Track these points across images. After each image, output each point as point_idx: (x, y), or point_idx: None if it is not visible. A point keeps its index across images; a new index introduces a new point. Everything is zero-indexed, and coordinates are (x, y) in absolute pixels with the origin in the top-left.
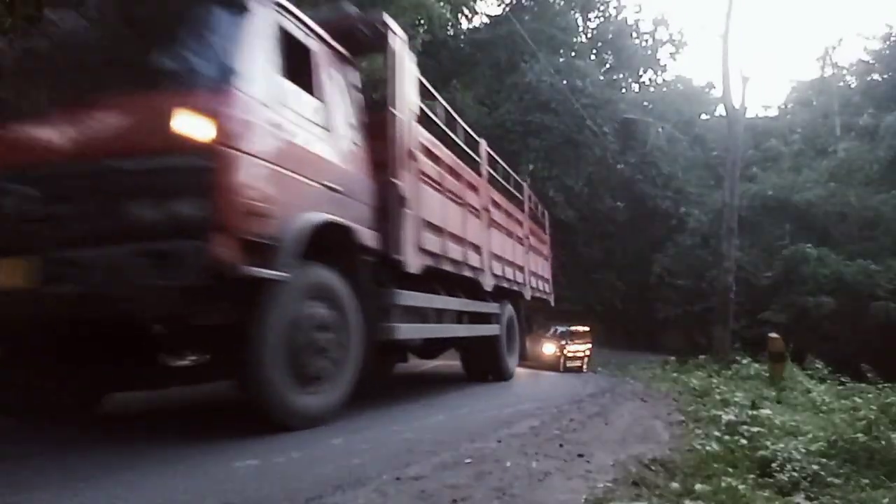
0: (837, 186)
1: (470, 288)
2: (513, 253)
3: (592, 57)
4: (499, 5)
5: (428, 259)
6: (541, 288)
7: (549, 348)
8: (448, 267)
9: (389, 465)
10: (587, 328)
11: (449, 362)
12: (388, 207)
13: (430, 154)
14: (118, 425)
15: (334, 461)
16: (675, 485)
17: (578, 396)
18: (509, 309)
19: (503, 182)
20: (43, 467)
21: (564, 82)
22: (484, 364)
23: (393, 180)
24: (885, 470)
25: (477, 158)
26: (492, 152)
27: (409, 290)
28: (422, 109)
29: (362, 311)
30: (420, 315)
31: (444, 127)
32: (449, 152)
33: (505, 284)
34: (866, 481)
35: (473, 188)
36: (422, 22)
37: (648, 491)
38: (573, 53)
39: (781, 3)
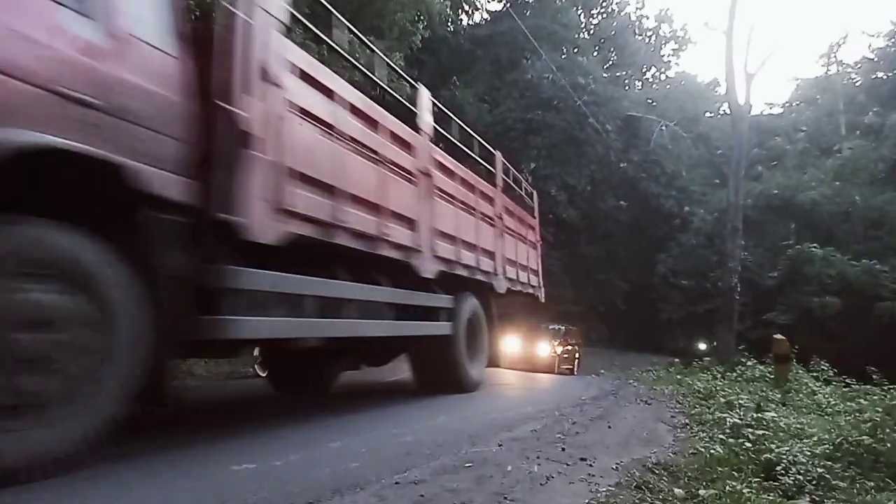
0: (842, 185)
1: (405, 274)
2: (475, 234)
3: (595, 54)
4: (499, 1)
5: (299, 226)
6: (523, 280)
7: (541, 349)
8: (347, 241)
9: (388, 468)
10: (576, 328)
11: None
12: (218, 146)
13: (311, 82)
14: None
15: (332, 464)
16: (678, 489)
17: (581, 399)
18: (472, 303)
19: (460, 145)
20: (43, 468)
21: (566, 79)
22: (436, 371)
23: (226, 107)
24: (890, 472)
25: (413, 109)
26: (441, 105)
27: (271, 270)
28: (301, 23)
29: (155, 297)
30: (298, 306)
31: (342, 51)
32: (353, 89)
33: (462, 272)
34: (871, 484)
35: (404, 144)
36: (422, 18)
37: (652, 495)
38: (575, 50)
39: (786, 0)
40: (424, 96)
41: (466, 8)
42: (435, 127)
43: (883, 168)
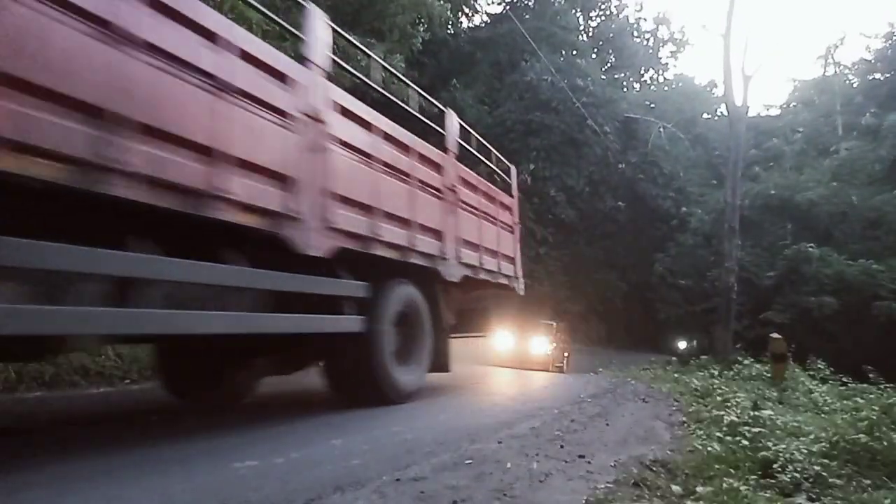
0: (840, 186)
1: (296, 254)
2: (408, 206)
3: (593, 56)
4: (499, 3)
5: (16, 160)
6: (491, 268)
7: (534, 346)
8: (142, 196)
9: (389, 465)
10: (565, 324)
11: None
12: None
13: None
14: (119, 424)
15: (333, 462)
16: (676, 486)
17: (579, 397)
18: (406, 293)
19: (378, 88)
20: (42, 467)
21: (565, 81)
22: (350, 377)
23: None
24: (886, 471)
25: (300, 35)
26: (347, 34)
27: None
28: None
29: None
30: (35, 285)
31: None
32: None
33: (384, 253)
34: (868, 482)
35: (271, 72)
36: (422, 21)
37: (650, 492)
38: (574, 52)
39: (784, 2)
40: (315, 17)
41: (466, 10)
42: (336, 61)
43: (880, 168)
